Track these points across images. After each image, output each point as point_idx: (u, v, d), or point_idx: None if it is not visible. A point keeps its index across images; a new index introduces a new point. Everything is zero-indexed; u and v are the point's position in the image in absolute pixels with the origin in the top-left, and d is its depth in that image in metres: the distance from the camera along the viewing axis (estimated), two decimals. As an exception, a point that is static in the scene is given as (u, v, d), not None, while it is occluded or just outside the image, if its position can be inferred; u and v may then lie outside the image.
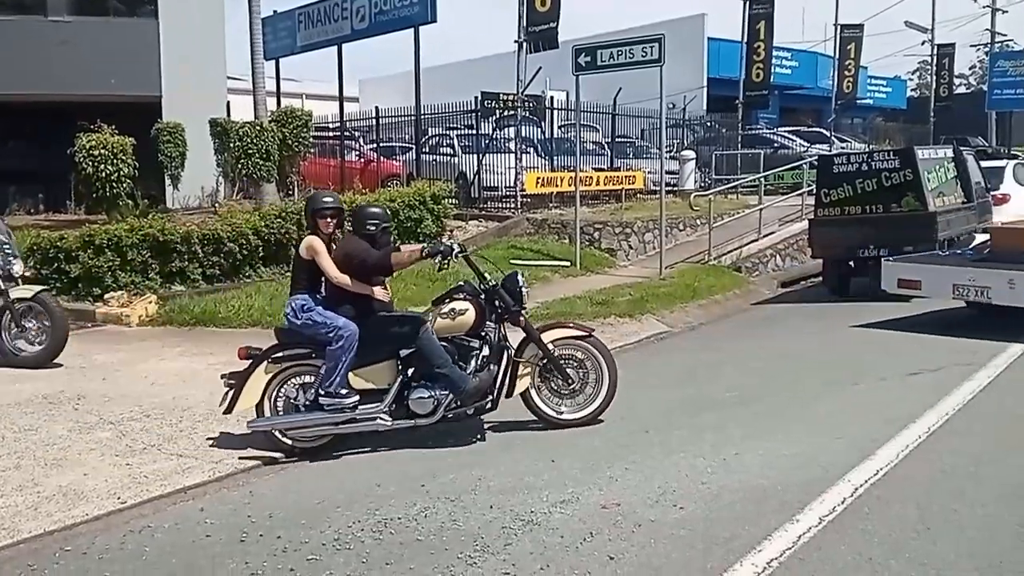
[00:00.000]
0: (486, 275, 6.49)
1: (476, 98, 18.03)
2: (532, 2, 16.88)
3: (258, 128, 15.79)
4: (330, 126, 22.06)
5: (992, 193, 14.66)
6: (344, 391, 6.10)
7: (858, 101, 33.14)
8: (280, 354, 6.27)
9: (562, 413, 6.56)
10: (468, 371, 6.22)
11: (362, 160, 20.71)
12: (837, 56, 30.01)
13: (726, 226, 16.04)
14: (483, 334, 6.36)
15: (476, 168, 17.79)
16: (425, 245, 6.43)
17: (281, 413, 6.26)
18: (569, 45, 14.67)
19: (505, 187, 17.53)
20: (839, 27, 29.84)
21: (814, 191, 13.72)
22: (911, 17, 36.26)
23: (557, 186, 17.37)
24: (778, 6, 26.54)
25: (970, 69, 66.60)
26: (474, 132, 18.63)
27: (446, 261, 6.34)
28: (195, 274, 11.98)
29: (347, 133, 21.20)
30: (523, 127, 17.78)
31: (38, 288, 8.79)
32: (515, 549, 4.33)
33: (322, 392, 6.11)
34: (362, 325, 6.14)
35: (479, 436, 6.42)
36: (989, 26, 39.55)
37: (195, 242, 11.95)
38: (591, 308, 11.03)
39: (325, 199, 6.46)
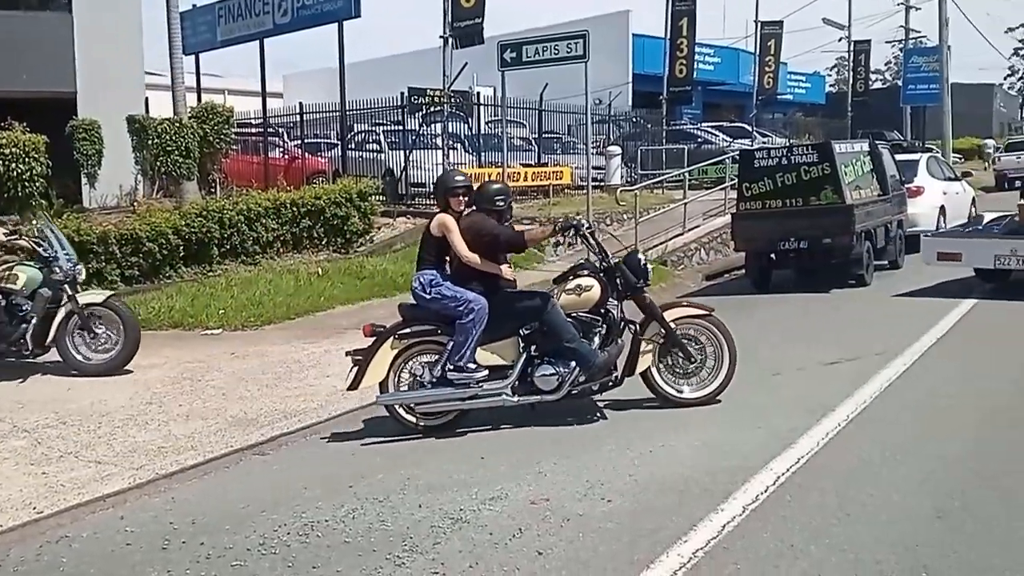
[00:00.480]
0: (608, 253, 6.66)
1: (403, 94, 17.91)
2: (457, -3, 16.83)
3: (177, 125, 15.43)
4: (253, 122, 21.68)
5: (907, 186, 15.09)
6: (473, 366, 6.20)
7: (779, 96, 33.92)
8: (406, 331, 6.38)
9: (683, 392, 6.66)
10: (592, 347, 6.33)
11: (287, 157, 20.39)
12: (758, 52, 30.64)
13: (652, 220, 16.23)
14: (604, 311, 6.47)
15: (403, 164, 17.68)
16: (558, 220, 6.76)
17: (404, 390, 6.37)
18: (495, 41, 14.67)
19: (433, 183, 17.43)
20: (759, 24, 30.47)
21: (736, 185, 13.96)
22: (828, 14, 37.31)
23: (485, 182, 17.34)
24: (700, 3, 26.98)
25: (886, 65, 68.70)
26: (401, 128, 18.51)
27: (574, 236, 6.53)
28: (113, 275, 11.66)
29: (271, 129, 20.85)
30: (450, 123, 17.72)
31: (108, 292, 8.41)
32: (444, 548, 4.31)
33: (451, 367, 6.18)
34: (489, 302, 6.23)
35: (598, 415, 6.52)
36: (903, 23, 40.80)
37: (112, 242, 11.64)
38: (519, 304, 11.03)
39: (457, 178, 6.66)
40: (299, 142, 20.96)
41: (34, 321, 7.92)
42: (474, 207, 6.49)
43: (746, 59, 34.67)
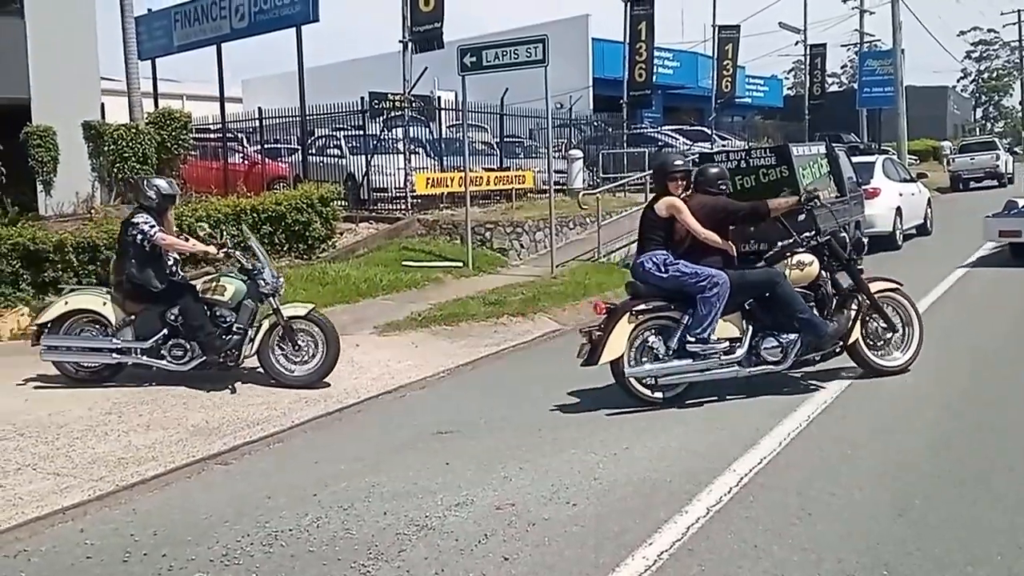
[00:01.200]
0: (821, 227, 7.23)
1: (363, 98, 17.82)
2: (416, 2, 16.81)
3: (134, 131, 15.25)
4: (212, 127, 21.45)
5: (864, 187, 15.31)
6: (715, 338, 6.59)
7: (737, 100, 34.28)
8: (643, 307, 6.72)
9: (887, 360, 7.24)
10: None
11: (247, 162, 20.21)
12: (716, 56, 30.96)
13: (614, 224, 16.28)
14: (818, 285, 6.98)
15: (365, 169, 17.60)
16: (803, 191, 7.53)
17: (633, 365, 6.70)
18: (455, 46, 14.67)
19: (395, 188, 17.40)
20: (717, 28, 30.78)
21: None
22: (785, 19, 37.81)
23: (448, 187, 17.35)
24: (658, 7, 27.20)
25: (842, 68, 69.83)
26: (362, 133, 18.42)
27: (809, 207, 7.09)
28: (70, 284, 11.42)
29: (230, 134, 20.65)
30: (412, 127, 17.67)
31: (310, 306, 8.34)
32: (409, 555, 4.30)
33: (692, 339, 6.49)
34: None
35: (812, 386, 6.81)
36: (858, 27, 41.48)
37: (69, 250, 11.44)
38: (484, 308, 11.05)
39: (676, 162, 7.14)
40: (259, 147, 20.78)
41: (249, 333, 7.93)
42: (692, 189, 7.02)
43: (704, 63, 35.02)
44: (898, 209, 16.30)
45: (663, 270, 6.69)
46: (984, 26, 76.33)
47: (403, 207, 17.03)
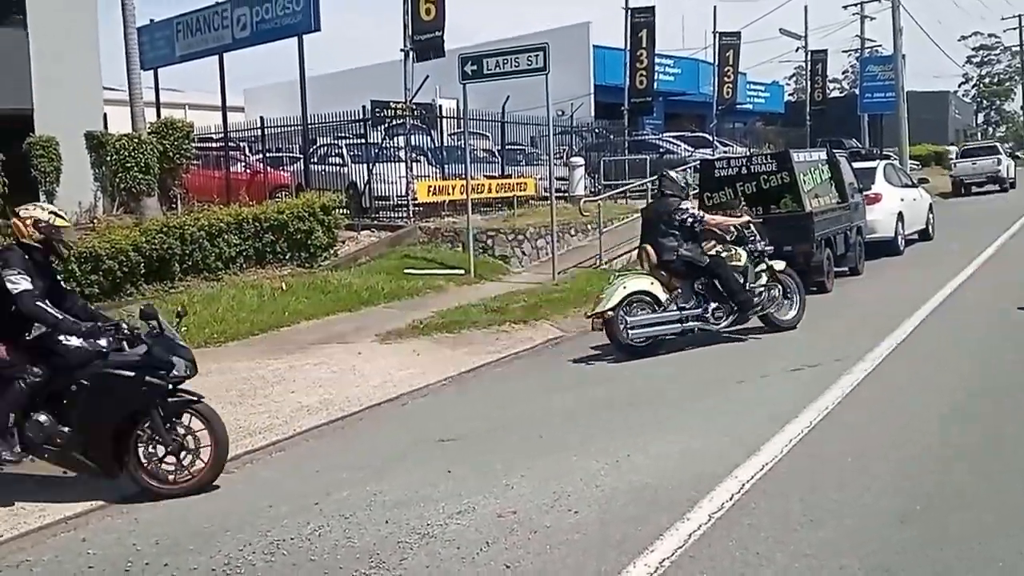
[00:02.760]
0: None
1: (365, 107, 17.86)
2: (417, 11, 16.85)
3: (136, 141, 15.30)
4: (214, 137, 21.51)
5: (865, 193, 15.31)
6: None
7: (738, 106, 34.35)
8: None
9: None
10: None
11: (249, 171, 20.24)
12: (717, 63, 31.02)
13: (616, 230, 16.31)
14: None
15: (367, 178, 17.63)
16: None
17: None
18: (456, 54, 14.71)
19: (397, 196, 17.41)
20: (717, 35, 30.85)
21: (698, 195, 14.07)
22: (786, 25, 37.78)
23: (449, 194, 17.35)
24: (659, 15, 27.28)
25: (843, 74, 69.78)
26: (364, 141, 18.45)
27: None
28: (75, 293, 11.46)
29: (232, 144, 20.70)
30: (413, 136, 17.71)
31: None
32: (411, 563, 4.30)
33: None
34: None
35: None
36: (859, 33, 41.51)
37: (71, 260, 11.45)
38: (486, 315, 11.06)
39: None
40: (261, 156, 20.83)
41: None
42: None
43: (706, 70, 35.04)
44: (899, 214, 16.28)
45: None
46: (985, 31, 76.29)
47: (405, 215, 17.05)
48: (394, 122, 17.53)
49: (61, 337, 5.53)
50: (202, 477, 5.64)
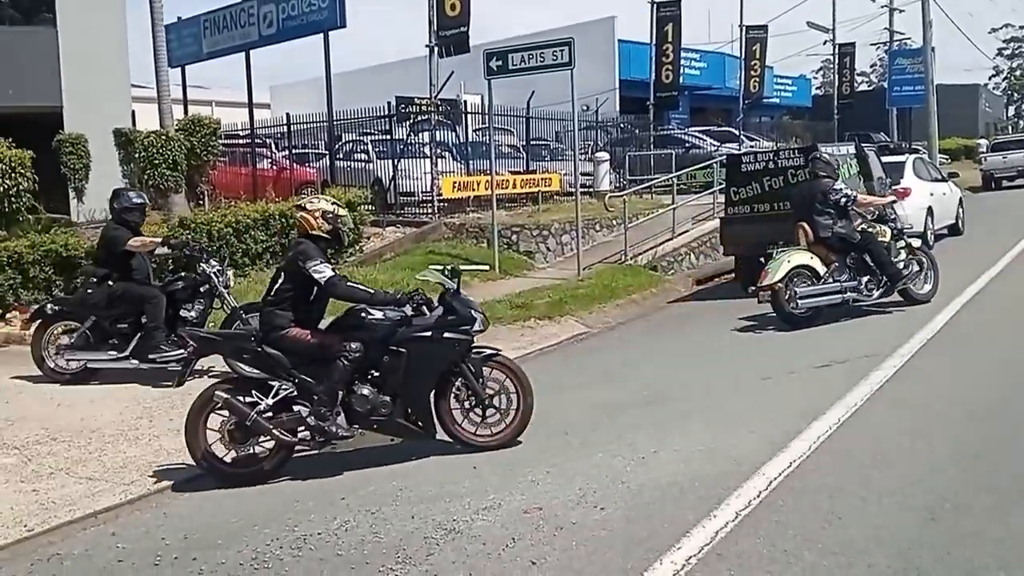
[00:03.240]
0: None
1: (390, 103, 17.90)
2: (442, 6, 16.86)
3: (164, 137, 15.39)
4: (241, 133, 21.64)
5: (894, 187, 15.13)
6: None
7: (765, 100, 34.06)
8: None
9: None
10: None
11: (275, 168, 20.36)
12: (743, 57, 30.77)
13: (641, 226, 16.25)
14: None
15: (392, 174, 17.65)
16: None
17: None
18: (481, 50, 14.70)
19: (422, 192, 17.44)
20: (744, 28, 30.60)
21: (724, 189, 13.99)
22: (813, 18, 37.40)
23: (474, 190, 17.36)
24: (685, 8, 27.09)
25: (871, 67, 68.96)
26: (389, 137, 18.49)
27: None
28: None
29: (259, 140, 20.82)
30: (438, 132, 17.72)
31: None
32: (437, 559, 4.31)
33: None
34: None
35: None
36: (887, 25, 41.02)
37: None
38: (511, 311, 11.05)
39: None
40: (287, 153, 20.94)
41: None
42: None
43: (732, 63, 34.80)
44: (929, 209, 16.07)
45: None
46: (1016, 23, 75.16)
47: (430, 211, 17.08)
48: (419, 118, 17.54)
49: (365, 313, 5.93)
50: (517, 424, 6.16)
